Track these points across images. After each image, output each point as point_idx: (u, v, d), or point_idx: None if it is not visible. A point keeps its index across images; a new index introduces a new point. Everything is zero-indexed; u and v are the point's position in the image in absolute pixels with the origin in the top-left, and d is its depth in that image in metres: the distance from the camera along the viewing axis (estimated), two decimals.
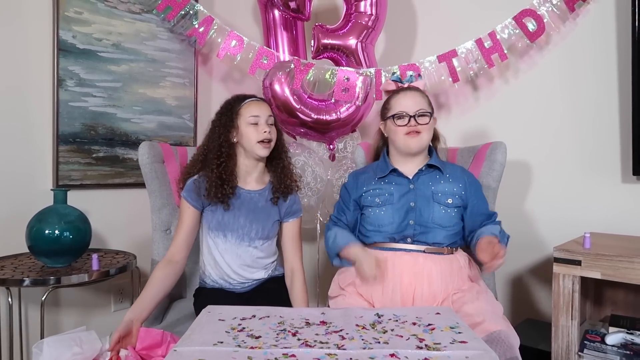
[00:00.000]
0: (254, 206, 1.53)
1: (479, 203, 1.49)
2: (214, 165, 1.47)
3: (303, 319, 1.14)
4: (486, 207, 1.51)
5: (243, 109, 1.49)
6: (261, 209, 1.53)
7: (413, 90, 1.52)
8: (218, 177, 1.46)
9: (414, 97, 1.49)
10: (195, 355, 0.90)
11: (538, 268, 1.93)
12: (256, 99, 1.54)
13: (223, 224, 1.50)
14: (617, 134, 1.76)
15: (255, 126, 1.48)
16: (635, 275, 1.33)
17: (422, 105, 1.48)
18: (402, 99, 1.50)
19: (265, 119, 1.49)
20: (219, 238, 1.51)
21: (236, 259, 1.52)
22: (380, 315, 1.16)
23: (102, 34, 1.96)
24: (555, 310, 1.46)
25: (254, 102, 1.52)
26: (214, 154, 1.48)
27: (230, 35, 2.08)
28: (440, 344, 0.97)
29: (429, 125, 1.48)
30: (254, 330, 1.05)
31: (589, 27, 1.82)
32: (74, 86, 1.89)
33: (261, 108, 1.50)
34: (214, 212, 1.50)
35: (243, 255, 1.52)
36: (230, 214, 1.50)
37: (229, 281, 1.53)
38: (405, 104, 1.48)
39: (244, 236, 1.51)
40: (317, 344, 0.97)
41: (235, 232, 1.50)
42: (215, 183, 1.45)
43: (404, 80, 1.58)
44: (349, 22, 2.08)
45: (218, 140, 1.49)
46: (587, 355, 1.42)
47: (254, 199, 1.54)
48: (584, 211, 1.82)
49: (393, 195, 1.47)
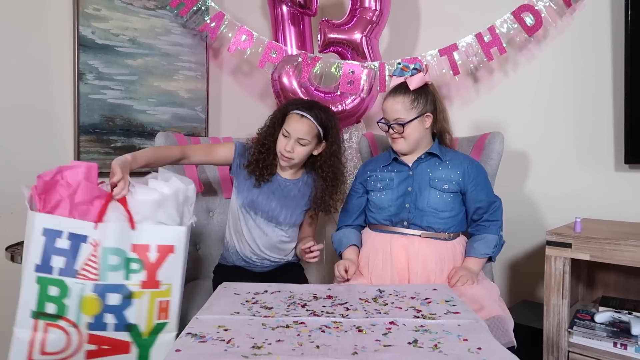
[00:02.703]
0: (287, 193, 1.62)
1: (476, 190, 1.55)
2: (257, 151, 1.59)
3: (311, 293, 1.24)
4: (486, 194, 1.56)
5: (287, 118, 1.57)
6: (293, 197, 1.63)
7: (394, 96, 1.53)
8: (257, 159, 1.58)
9: (392, 105, 1.53)
10: (215, 322, 1.01)
11: (534, 252, 2.02)
12: (299, 115, 1.55)
13: (256, 204, 1.60)
14: (611, 125, 1.84)
15: (285, 138, 1.55)
16: (621, 257, 1.42)
17: (399, 114, 1.51)
18: (385, 105, 1.56)
19: (295, 138, 1.53)
20: (249, 215, 1.61)
21: (263, 237, 1.61)
22: (382, 291, 1.26)
23: (119, 29, 2.06)
24: (547, 290, 1.55)
25: (294, 117, 1.55)
26: (261, 142, 1.60)
27: (240, 30, 2.17)
28: (435, 314, 1.07)
29: (407, 131, 1.52)
30: (266, 303, 1.16)
31: (585, 22, 1.89)
32: (93, 79, 2.00)
33: (297, 127, 1.53)
34: (249, 190, 1.60)
35: (271, 234, 1.62)
36: (264, 195, 1.60)
37: (250, 257, 1.63)
38: (386, 110, 1.55)
39: (273, 218, 1.61)
40: (324, 314, 1.08)
41: (266, 213, 1.60)
42: (255, 162, 1.58)
43: (405, 73, 1.56)
44: (354, 17, 2.16)
45: (266, 132, 1.61)
46: (577, 331, 1.51)
47: (288, 187, 1.64)
48: (578, 198, 1.91)
49: (393, 180, 1.57)
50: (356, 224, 1.67)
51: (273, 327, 0.99)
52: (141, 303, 1.19)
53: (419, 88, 1.53)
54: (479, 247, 1.53)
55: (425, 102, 1.53)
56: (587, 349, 1.48)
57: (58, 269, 1.14)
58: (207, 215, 1.91)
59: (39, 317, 1.12)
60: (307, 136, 1.54)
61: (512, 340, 1.26)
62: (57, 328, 1.13)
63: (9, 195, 1.83)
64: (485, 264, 1.57)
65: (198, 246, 1.89)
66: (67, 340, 1.13)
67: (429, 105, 1.54)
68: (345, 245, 1.61)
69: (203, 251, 1.88)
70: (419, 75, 1.53)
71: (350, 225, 1.67)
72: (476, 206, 1.56)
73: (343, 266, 1.51)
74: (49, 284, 1.13)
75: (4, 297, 1.83)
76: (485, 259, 1.54)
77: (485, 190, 1.57)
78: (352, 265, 1.53)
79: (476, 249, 1.53)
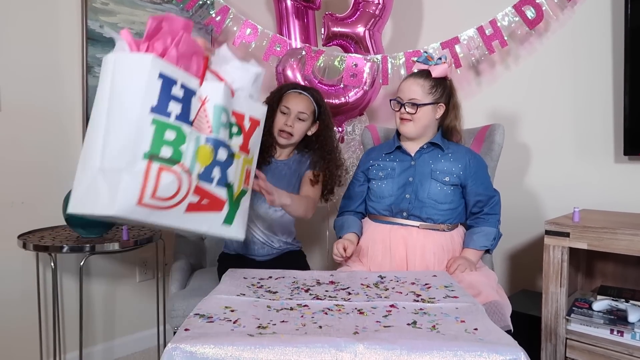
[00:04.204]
0: (279, 174, 1.67)
1: (476, 184, 1.58)
2: None
3: (314, 279, 1.28)
4: (485, 188, 1.60)
5: (284, 96, 1.62)
6: (284, 176, 1.67)
7: (415, 78, 1.57)
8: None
9: (411, 85, 1.56)
10: (222, 303, 1.05)
11: (534, 242, 2.05)
12: (297, 92, 1.63)
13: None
14: (610, 117, 1.86)
15: (284, 116, 1.60)
16: (617, 246, 1.44)
17: (415, 95, 1.54)
18: (403, 84, 1.59)
19: (295, 113, 1.59)
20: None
21: (262, 220, 1.65)
22: (383, 277, 1.30)
23: (126, 23, 2.09)
24: (546, 279, 1.58)
25: (292, 94, 1.63)
26: None
27: (245, 23, 2.20)
28: (434, 298, 1.11)
29: (418, 115, 1.55)
30: (271, 287, 1.20)
31: (586, 15, 1.91)
32: None
33: (296, 102, 1.60)
34: None
35: (272, 215, 1.66)
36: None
37: (253, 241, 1.67)
38: (403, 89, 1.58)
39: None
40: (327, 298, 1.12)
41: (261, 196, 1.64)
42: None
43: (430, 62, 1.60)
44: (358, 10, 2.18)
45: None
46: (574, 319, 1.54)
47: (279, 167, 1.68)
48: (577, 189, 1.93)
49: (395, 170, 1.60)
50: (358, 210, 1.70)
51: (277, 309, 1.03)
52: (237, 165, 1.18)
53: (439, 78, 1.57)
54: (478, 240, 1.56)
55: (442, 93, 1.58)
56: (585, 336, 1.51)
57: (175, 115, 1.05)
58: None
59: (152, 159, 1.01)
60: (306, 110, 1.61)
61: (509, 325, 1.30)
62: (172, 173, 1.04)
63: (19, 186, 1.88)
64: (483, 255, 1.61)
65: (204, 236, 1.93)
66: (178, 187, 1.06)
67: (445, 97, 1.59)
68: (347, 231, 1.64)
69: (209, 240, 1.93)
70: (443, 65, 1.59)
71: (353, 212, 1.70)
72: (476, 199, 1.59)
73: (342, 245, 1.54)
74: (166, 128, 1.03)
75: (17, 283, 1.89)
76: (483, 251, 1.58)
77: (485, 184, 1.61)
78: (351, 245, 1.55)
79: (475, 241, 1.56)
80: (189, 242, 1.87)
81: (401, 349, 0.82)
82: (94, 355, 2.11)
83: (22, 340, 1.90)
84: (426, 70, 1.59)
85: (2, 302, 1.85)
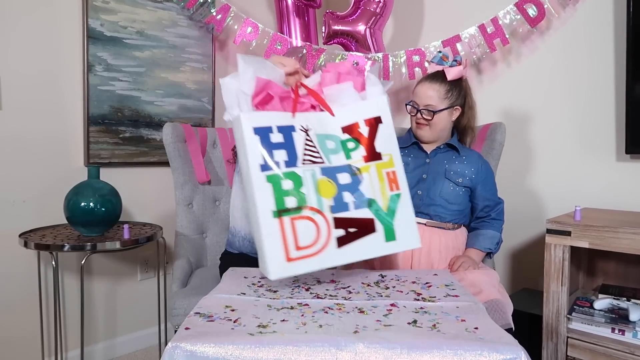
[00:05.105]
0: None
1: (484, 189, 1.60)
2: None
3: (315, 278, 1.28)
4: (492, 194, 1.62)
5: None
6: None
7: (431, 83, 1.56)
8: None
9: (427, 91, 1.55)
10: (222, 302, 1.05)
11: (535, 241, 2.04)
12: None
13: None
14: (612, 115, 1.85)
15: None
16: (619, 244, 1.44)
17: (431, 101, 1.54)
18: (418, 89, 1.58)
19: None
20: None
21: None
22: (384, 276, 1.30)
23: (127, 22, 2.09)
24: (547, 278, 1.58)
25: None
26: None
27: (245, 22, 2.20)
28: (435, 297, 1.11)
29: (435, 120, 1.55)
30: (271, 286, 1.20)
31: (588, 13, 1.90)
32: (102, 71, 2.04)
33: None
34: None
35: None
36: None
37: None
38: (418, 94, 1.57)
39: None
40: (327, 297, 1.11)
41: None
42: None
43: (444, 62, 1.60)
44: (358, 9, 2.18)
45: None
46: (575, 317, 1.54)
47: None
48: (579, 188, 1.93)
49: (409, 165, 1.59)
50: None
51: (278, 308, 1.03)
52: (370, 176, 1.16)
53: (454, 80, 1.57)
54: (484, 241, 1.57)
55: (458, 95, 1.58)
56: (586, 335, 1.51)
57: (283, 162, 1.07)
58: (214, 204, 1.96)
59: (281, 214, 1.03)
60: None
61: (510, 323, 1.30)
62: (304, 219, 1.06)
63: (20, 185, 1.88)
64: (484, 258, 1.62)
65: (205, 234, 1.93)
66: (316, 229, 1.07)
67: (460, 99, 1.59)
68: None
69: (210, 239, 1.93)
70: (458, 67, 1.57)
71: None
72: (484, 204, 1.60)
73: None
74: (280, 180, 1.05)
75: (18, 282, 1.89)
76: (485, 253, 1.58)
77: (492, 191, 1.63)
78: None
79: (480, 242, 1.57)
80: (189, 240, 1.87)
81: (401, 348, 0.82)
82: (95, 353, 2.11)
83: (23, 339, 1.91)
84: (441, 72, 1.57)
85: (3, 300, 1.86)
